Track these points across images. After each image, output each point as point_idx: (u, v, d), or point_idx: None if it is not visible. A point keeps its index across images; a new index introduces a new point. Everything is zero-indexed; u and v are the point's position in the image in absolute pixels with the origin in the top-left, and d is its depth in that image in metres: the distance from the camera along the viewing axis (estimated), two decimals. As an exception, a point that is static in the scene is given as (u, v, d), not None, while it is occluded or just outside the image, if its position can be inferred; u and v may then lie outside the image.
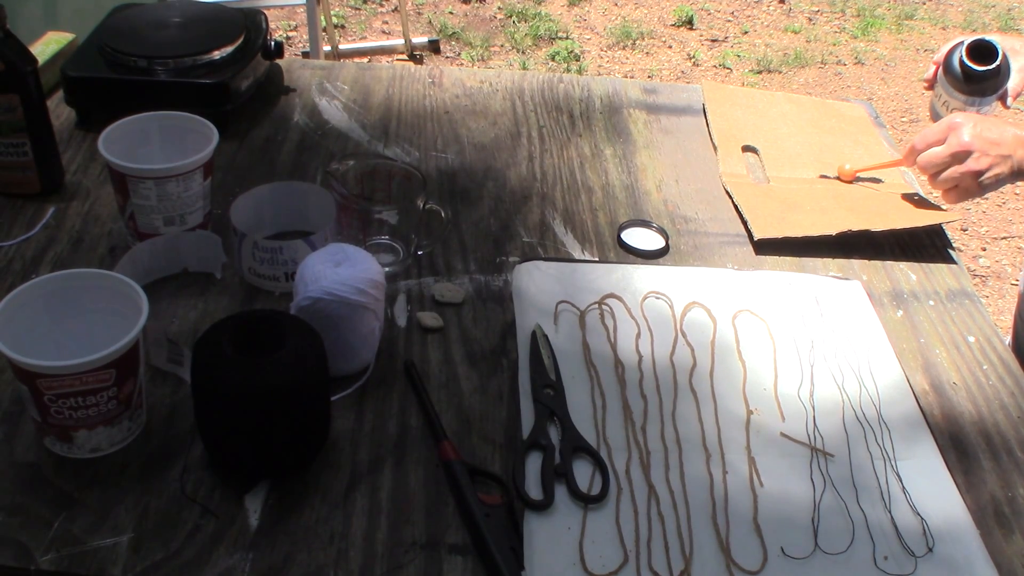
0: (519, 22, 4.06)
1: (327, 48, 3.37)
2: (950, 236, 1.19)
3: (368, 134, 1.28)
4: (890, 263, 1.12)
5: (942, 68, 1.22)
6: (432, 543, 0.75)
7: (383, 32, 3.90)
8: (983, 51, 1.17)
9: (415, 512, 0.78)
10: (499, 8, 4.17)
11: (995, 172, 1.08)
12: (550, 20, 4.08)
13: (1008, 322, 2.30)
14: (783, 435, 0.87)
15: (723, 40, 4.08)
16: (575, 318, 0.97)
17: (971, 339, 1.02)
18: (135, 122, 1.02)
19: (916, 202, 1.20)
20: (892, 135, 1.17)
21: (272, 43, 1.32)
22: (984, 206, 3.11)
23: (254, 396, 0.73)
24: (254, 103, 1.29)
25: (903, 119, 3.56)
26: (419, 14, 4.07)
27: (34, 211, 1.07)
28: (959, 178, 1.09)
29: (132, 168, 0.96)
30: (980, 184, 1.09)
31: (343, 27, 3.89)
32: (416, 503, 0.78)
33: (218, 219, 1.05)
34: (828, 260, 1.11)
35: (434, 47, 3.75)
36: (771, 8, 4.42)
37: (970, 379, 0.97)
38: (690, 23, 4.16)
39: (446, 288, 1.01)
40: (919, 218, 1.16)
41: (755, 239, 1.12)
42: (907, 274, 1.11)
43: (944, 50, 1.22)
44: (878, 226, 1.13)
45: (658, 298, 1.01)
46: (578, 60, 3.81)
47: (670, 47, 3.99)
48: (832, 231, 1.11)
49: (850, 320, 1.01)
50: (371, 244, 1.02)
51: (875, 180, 1.25)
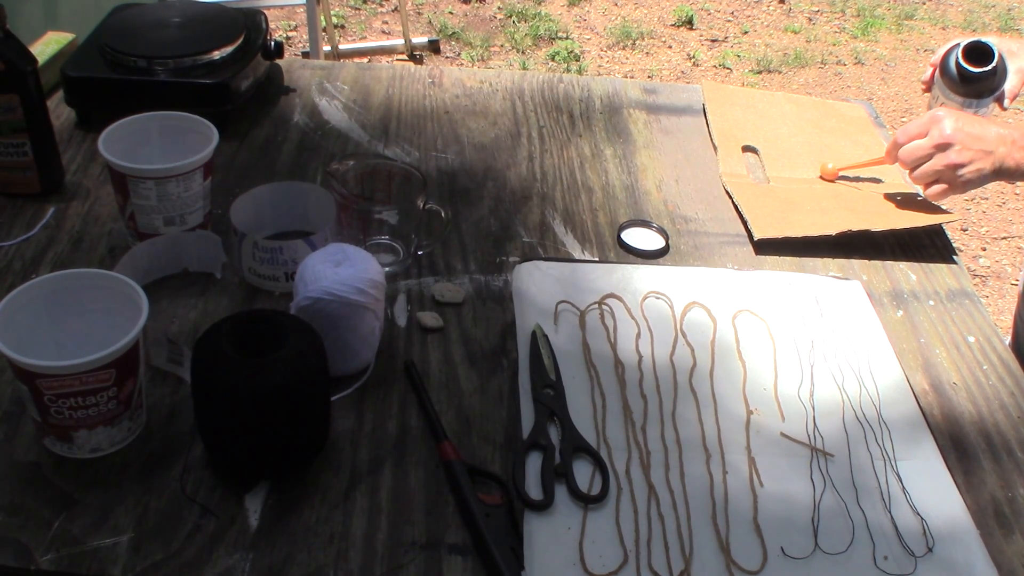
0: (519, 22, 4.05)
1: (327, 48, 3.37)
2: (950, 236, 1.19)
3: (368, 134, 1.28)
4: (890, 263, 1.12)
5: (939, 70, 1.22)
6: (432, 543, 0.75)
7: (383, 32, 3.90)
8: (980, 53, 1.17)
9: (415, 512, 0.78)
10: (499, 8, 4.17)
11: (976, 167, 1.07)
12: (550, 20, 4.08)
13: (1008, 322, 2.30)
14: (783, 435, 0.87)
15: (723, 40, 4.08)
16: (575, 318, 0.97)
17: (971, 339, 1.02)
18: (135, 122, 1.02)
19: (916, 202, 1.20)
20: (892, 135, 1.17)
21: (272, 43, 1.32)
22: (984, 206, 3.11)
23: (254, 396, 0.73)
24: (254, 103, 1.29)
25: (903, 119, 3.56)
26: (419, 14, 4.07)
27: (34, 211, 1.07)
28: (940, 171, 1.08)
29: (132, 168, 0.96)
30: (961, 178, 1.07)
31: (343, 27, 3.89)
32: (416, 503, 0.78)
33: (218, 219, 1.05)
34: (828, 260, 1.11)
35: (434, 47, 3.75)
36: (771, 8, 4.41)
37: (970, 379, 0.97)
38: (690, 23, 4.16)
39: (446, 288, 1.01)
40: (919, 218, 1.16)
41: (755, 239, 1.12)
42: (907, 274, 1.11)
43: (941, 52, 1.22)
44: (878, 226, 1.13)
45: (658, 298, 1.01)
46: (578, 60, 3.81)
47: (670, 47, 3.99)
48: (832, 231, 1.11)
49: (850, 320, 1.01)
50: (371, 244, 1.02)
51: (875, 180, 1.25)
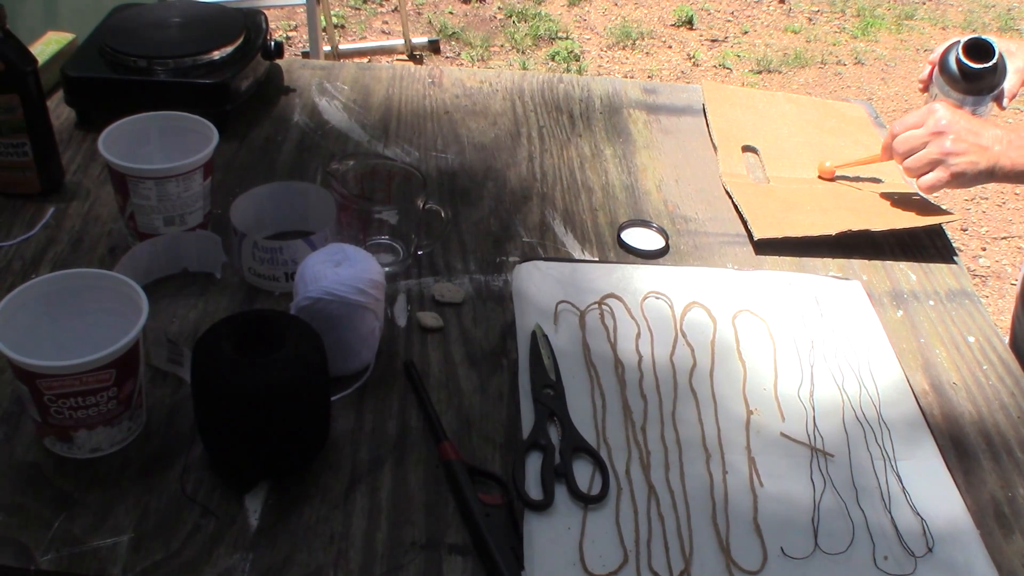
0: (519, 22, 4.05)
1: (327, 48, 3.37)
2: (950, 236, 1.19)
3: (368, 134, 1.28)
4: (890, 263, 1.12)
5: (938, 67, 1.20)
6: (432, 543, 0.75)
7: (383, 32, 3.90)
8: (980, 49, 1.16)
9: (415, 512, 0.78)
10: (499, 8, 4.17)
11: (971, 159, 1.05)
12: (550, 20, 4.08)
13: (1008, 322, 2.31)
14: (783, 435, 0.87)
15: (723, 40, 4.08)
16: (575, 318, 0.97)
17: (971, 339, 1.02)
18: (135, 122, 1.02)
19: (916, 202, 1.20)
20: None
21: (272, 43, 1.32)
22: (984, 206, 3.11)
23: (254, 396, 0.73)
24: (254, 103, 1.29)
25: (903, 119, 3.56)
26: (419, 14, 4.07)
27: (34, 211, 1.07)
28: (934, 159, 1.06)
29: (132, 168, 0.96)
30: (954, 167, 1.06)
31: (343, 27, 3.89)
32: (416, 503, 0.78)
33: (218, 219, 1.05)
34: (828, 260, 1.11)
35: (434, 47, 3.75)
36: (771, 8, 4.42)
37: (970, 379, 0.97)
38: (690, 23, 4.16)
39: (446, 288, 1.01)
40: (919, 218, 1.16)
41: (755, 239, 1.12)
42: (907, 274, 1.11)
43: (940, 50, 1.20)
44: (878, 226, 1.13)
45: (658, 298, 1.01)
46: (578, 60, 3.81)
47: (670, 47, 3.99)
48: (832, 231, 1.11)
49: (850, 320, 1.01)
50: (371, 244, 1.02)
51: (875, 180, 1.25)
